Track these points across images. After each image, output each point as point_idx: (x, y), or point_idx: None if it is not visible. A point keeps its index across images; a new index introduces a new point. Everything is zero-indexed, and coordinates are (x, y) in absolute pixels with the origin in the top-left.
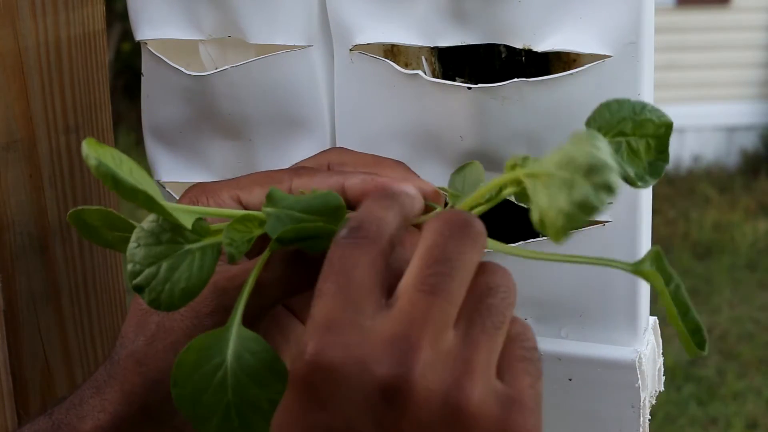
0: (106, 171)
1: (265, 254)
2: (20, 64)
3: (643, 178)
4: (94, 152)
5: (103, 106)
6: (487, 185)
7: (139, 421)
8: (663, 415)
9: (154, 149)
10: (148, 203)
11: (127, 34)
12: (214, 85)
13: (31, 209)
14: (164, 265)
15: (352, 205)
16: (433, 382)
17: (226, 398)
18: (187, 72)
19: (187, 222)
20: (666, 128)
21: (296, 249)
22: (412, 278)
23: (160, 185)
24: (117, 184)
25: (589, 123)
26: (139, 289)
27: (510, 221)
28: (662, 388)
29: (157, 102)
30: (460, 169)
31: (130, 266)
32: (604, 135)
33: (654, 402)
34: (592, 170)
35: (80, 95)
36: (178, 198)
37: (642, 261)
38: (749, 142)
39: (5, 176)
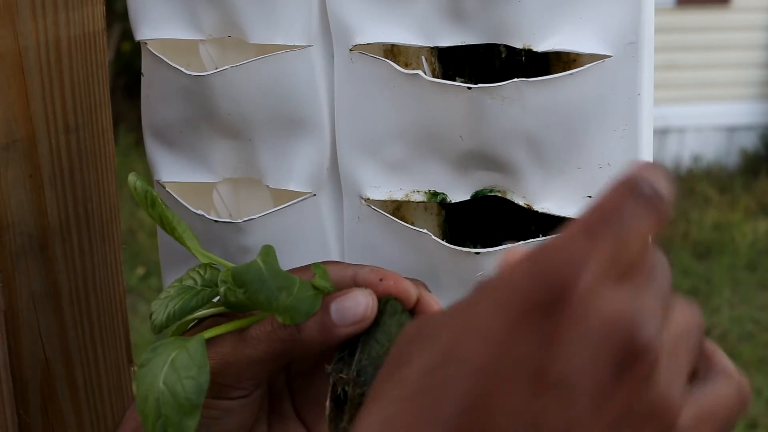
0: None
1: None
2: (20, 64)
3: None
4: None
5: (103, 106)
6: None
7: None
8: None
9: (154, 149)
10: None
11: (127, 34)
12: (214, 85)
13: (31, 209)
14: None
15: None
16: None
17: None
18: (187, 72)
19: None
20: None
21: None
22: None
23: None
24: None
25: None
26: None
27: (500, 221)
28: None
29: (157, 102)
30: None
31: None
32: None
33: None
34: None
35: (80, 95)
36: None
37: None
38: (749, 142)
39: (5, 176)
